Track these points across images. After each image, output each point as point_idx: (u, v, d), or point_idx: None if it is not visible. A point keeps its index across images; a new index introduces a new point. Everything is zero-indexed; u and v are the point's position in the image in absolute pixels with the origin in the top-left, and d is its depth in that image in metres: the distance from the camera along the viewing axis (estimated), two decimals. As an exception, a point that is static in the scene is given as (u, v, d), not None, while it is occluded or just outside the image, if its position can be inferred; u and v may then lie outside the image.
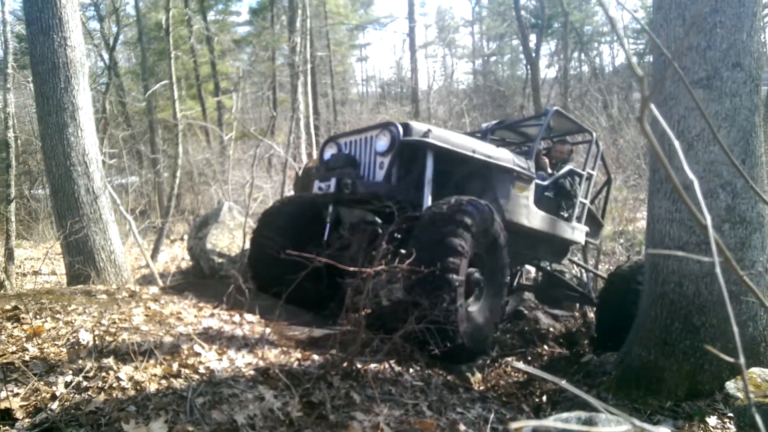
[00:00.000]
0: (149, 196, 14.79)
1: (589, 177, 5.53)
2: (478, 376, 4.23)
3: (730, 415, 2.96)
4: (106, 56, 17.23)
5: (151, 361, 2.63)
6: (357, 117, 26.98)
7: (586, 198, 5.54)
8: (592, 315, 6.48)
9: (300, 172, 8.12)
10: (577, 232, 5.35)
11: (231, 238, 7.38)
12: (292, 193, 9.63)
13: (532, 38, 21.04)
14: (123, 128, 16.72)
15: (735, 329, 0.87)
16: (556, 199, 5.24)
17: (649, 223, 3.74)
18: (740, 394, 2.44)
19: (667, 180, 3.10)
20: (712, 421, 3.07)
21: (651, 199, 3.72)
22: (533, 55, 19.86)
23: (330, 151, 4.45)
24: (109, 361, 2.55)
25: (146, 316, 3.27)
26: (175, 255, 9.78)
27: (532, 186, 4.69)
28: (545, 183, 4.94)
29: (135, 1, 15.86)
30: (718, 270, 0.83)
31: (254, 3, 22.42)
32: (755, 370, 2.68)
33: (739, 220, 3.24)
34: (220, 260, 6.99)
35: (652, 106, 0.89)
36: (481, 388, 3.99)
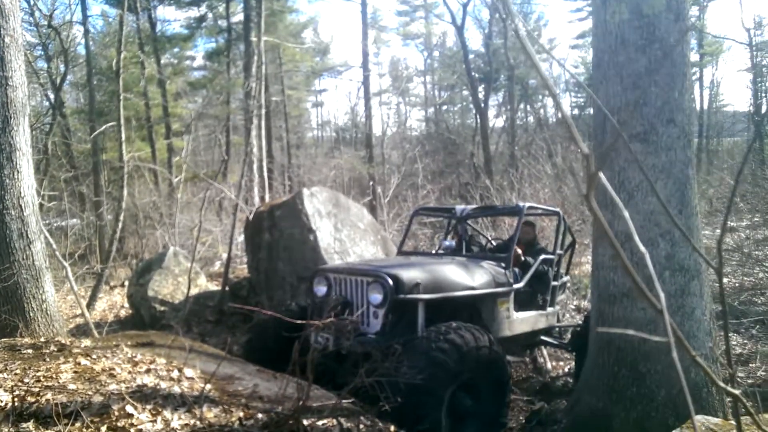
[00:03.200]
0: (90, 239, 14.10)
1: (559, 257, 5.55)
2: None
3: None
4: (52, 96, 16.71)
5: (77, 424, 2.41)
6: (312, 161, 27.06)
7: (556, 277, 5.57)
8: (541, 360, 6.51)
9: (251, 216, 7.96)
10: (550, 317, 5.41)
11: (175, 285, 7.06)
12: (242, 238, 9.40)
13: (481, 90, 22.00)
14: (66, 169, 16.07)
15: (681, 375, 0.87)
16: (532, 289, 5.24)
17: (594, 270, 3.83)
18: (687, 444, 2.46)
19: (611, 226, 3.20)
20: (660, 469, 3.08)
21: (595, 246, 3.82)
22: (482, 105, 20.74)
23: (320, 287, 4.46)
24: (29, 425, 2.33)
25: (75, 372, 3.03)
26: (114, 302, 9.26)
27: (512, 295, 4.79)
28: (522, 286, 4.94)
29: (85, 41, 15.58)
30: (674, 354, 0.83)
31: (210, 48, 22.44)
32: (698, 418, 2.72)
33: (678, 267, 3.36)
34: (162, 308, 6.65)
35: (602, 176, 0.90)
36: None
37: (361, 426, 2.90)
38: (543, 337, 5.50)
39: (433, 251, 6.41)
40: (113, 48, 13.62)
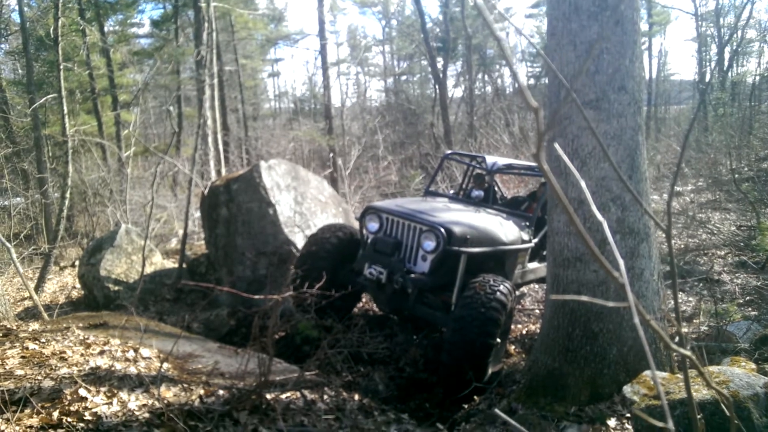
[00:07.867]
0: (36, 219, 13.45)
1: None
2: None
3: (629, 415, 3.12)
4: (-16, 66, 15.62)
5: (27, 411, 2.32)
6: (269, 133, 26.46)
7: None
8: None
9: (207, 191, 7.73)
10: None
11: (129, 264, 6.83)
12: (198, 213, 9.16)
13: (440, 59, 21.87)
14: (5, 145, 15.18)
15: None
16: (539, 242, 5.58)
17: (549, 236, 3.91)
18: (636, 398, 2.59)
19: (565, 193, 3.28)
20: (612, 422, 3.23)
21: (550, 213, 3.90)
22: (441, 75, 20.64)
23: (372, 224, 4.95)
24: (-27, 414, 2.22)
25: (23, 357, 2.90)
26: (65, 283, 8.92)
27: (529, 250, 5.33)
28: (536, 241, 5.42)
29: (19, 7, 14.50)
30: (636, 320, 0.85)
31: (157, 14, 21.33)
32: (648, 373, 2.86)
33: (628, 231, 3.48)
34: (116, 288, 6.43)
35: (556, 145, 0.89)
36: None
37: (325, 397, 2.92)
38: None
39: (452, 192, 7.29)
40: (51, 14, 12.72)
